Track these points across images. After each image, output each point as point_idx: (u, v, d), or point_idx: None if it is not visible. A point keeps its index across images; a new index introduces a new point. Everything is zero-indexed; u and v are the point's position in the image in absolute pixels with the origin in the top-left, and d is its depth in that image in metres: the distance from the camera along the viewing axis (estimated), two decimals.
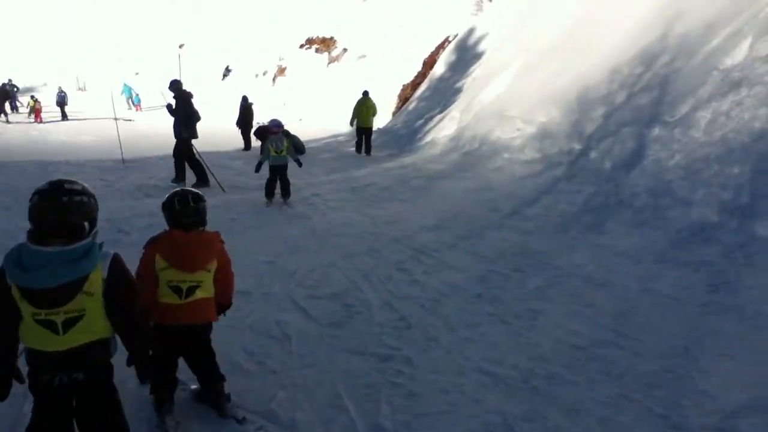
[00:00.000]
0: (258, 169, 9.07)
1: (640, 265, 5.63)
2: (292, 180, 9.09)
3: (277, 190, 9.03)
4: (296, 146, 10.14)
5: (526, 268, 5.71)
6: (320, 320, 4.49)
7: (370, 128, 15.44)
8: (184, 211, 3.00)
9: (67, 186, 2.30)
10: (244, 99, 17.62)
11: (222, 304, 3.26)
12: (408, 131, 16.94)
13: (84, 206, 2.29)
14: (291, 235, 6.93)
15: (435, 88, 18.95)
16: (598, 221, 6.94)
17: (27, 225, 2.26)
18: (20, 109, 25.31)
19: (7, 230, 6.34)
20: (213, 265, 3.05)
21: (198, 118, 10.41)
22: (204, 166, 10.23)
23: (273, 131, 9.06)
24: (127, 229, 6.70)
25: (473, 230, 7.17)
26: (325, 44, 28.41)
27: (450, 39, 20.92)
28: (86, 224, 2.27)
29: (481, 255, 6.13)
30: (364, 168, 12.88)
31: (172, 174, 10.42)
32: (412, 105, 19.46)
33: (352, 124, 15.72)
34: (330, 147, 17.85)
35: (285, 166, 8.95)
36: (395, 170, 12.17)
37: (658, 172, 7.05)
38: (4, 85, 24.50)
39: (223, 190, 9.79)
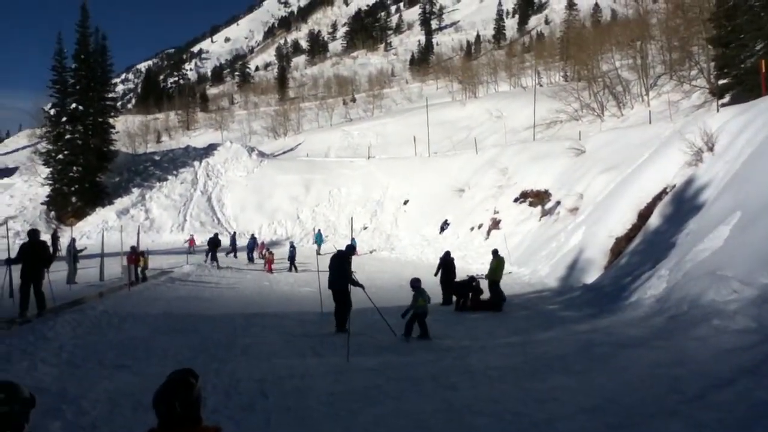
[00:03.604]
0: (405, 315, 11.45)
1: None
2: (470, 342, 10.91)
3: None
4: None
5: None
6: None
7: (498, 281, 16.94)
8: (168, 414, 2.77)
9: None
10: (446, 254, 18.27)
11: None
12: (614, 289, 15.72)
13: None
14: (421, 411, 6.55)
15: (649, 242, 17.56)
16: None
17: None
18: (256, 260, 29.77)
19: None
20: None
21: None
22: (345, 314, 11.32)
23: (417, 286, 11.57)
24: (268, 393, 7.03)
25: (634, 418, 6.16)
26: (538, 198, 28.51)
27: (668, 190, 19.57)
28: None
29: None
30: (551, 330, 12.13)
31: (360, 329, 11.18)
32: (623, 260, 18.19)
33: (486, 278, 17.34)
34: (530, 303, 17.29)
35: (426, 313, 11.47)
36: (584, 334, 11.23)
37: None
38: (216, 235, 29.21)
39: (395, 333, 11.36)
